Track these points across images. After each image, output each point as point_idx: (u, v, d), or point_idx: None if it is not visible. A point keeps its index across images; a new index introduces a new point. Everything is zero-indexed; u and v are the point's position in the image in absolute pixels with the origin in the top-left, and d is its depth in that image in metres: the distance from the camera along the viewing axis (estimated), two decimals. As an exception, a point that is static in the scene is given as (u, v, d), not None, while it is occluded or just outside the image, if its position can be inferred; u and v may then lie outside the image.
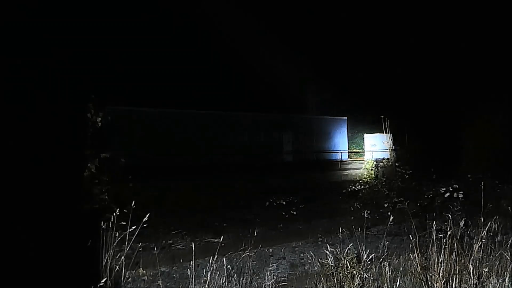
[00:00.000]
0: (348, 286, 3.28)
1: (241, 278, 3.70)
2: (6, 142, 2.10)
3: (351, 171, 17.92)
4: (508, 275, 3.50)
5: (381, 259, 3.66)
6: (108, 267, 3.25)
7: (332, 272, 3.43)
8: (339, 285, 3.32)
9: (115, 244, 3.34)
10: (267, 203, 9.38)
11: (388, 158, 14.80)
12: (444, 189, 8.11)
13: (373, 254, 3.49)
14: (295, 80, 22.85)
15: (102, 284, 2.88)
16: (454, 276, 3.26)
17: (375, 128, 19.14)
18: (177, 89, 18.95)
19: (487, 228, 3.75)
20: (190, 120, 17.77)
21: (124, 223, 3.42)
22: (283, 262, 4.93)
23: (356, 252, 3.64)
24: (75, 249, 2.43)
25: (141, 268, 4.11)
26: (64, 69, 2.39)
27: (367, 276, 3.37)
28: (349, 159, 22.16)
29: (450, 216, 3.75)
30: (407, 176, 10.21)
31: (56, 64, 2.32)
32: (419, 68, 17.76)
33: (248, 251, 4.20)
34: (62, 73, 2.37)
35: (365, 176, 15.23)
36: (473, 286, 3.27)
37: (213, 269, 3.30)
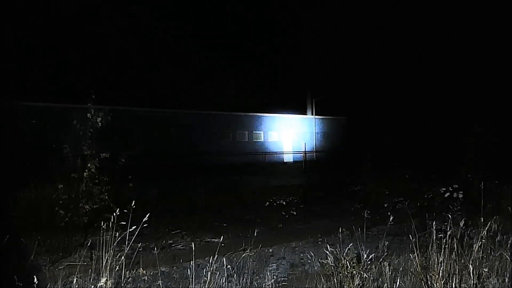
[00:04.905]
0: (348, 286, 3.28)
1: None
2: None
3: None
4: (508, 275, 3.50)
5: (381, 259, 3.66)
6: (108, 267, 3.25)
7: (332, 272, 3.42)
8: (339, 285, 3.32)
9: (115, 244, 3.34)
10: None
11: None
12: (444, 189, 8.10)
13: (373, 254, 3.48)
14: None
15: (102, 284, 2.88)
16: (454, 276, 3.26)
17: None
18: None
19: (487, 228, 3.75)
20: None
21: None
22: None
23: (356, 252, 3.64)
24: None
25: (141, 268, 4.11)
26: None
27: (367, 276, 3.37)
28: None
29: (450, 216, 3.74)
30: (407, 176, 10.17)
31: None
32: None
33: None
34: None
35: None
36: (473, 286, 3.27)
37: (212, 269, 3.30)
